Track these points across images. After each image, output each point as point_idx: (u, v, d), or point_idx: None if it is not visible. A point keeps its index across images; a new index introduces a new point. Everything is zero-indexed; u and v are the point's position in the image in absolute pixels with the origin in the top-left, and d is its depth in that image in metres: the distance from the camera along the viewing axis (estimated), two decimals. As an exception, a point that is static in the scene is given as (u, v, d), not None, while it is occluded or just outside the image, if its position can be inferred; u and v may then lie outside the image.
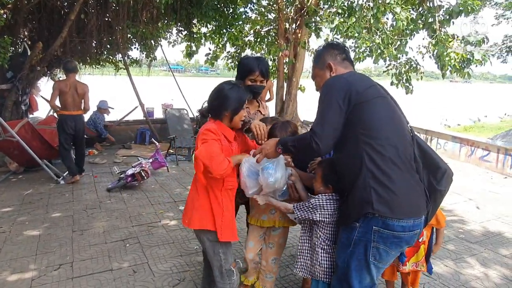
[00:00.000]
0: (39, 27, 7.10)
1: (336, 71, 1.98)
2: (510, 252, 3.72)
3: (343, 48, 2.06)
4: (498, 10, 15.19)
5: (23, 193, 5.07)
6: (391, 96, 1.93)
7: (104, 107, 8.36)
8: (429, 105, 28.74)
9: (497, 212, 4.88)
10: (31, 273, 3.08)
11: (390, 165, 1.70)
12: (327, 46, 2.11)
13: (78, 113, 5.59)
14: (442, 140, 8.15)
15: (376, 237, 1.71)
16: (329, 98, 1.78)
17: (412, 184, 1.75)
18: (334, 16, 7.26)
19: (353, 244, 1.76)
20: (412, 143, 1.84)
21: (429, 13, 7.45)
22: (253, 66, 2.54)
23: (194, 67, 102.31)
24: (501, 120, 20.30)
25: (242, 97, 2.16)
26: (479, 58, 7.20)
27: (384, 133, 1.73)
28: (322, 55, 2.06)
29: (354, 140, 1.75)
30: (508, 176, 6.64)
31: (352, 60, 2.08)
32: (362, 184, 1.71)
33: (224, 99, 2.11)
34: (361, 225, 1.73)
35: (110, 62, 9.03)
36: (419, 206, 1.76)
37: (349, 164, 1.79)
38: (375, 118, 1.74)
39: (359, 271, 1.78)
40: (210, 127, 2.09)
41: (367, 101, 1.75)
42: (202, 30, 10.34)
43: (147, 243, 3.69)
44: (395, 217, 1.68)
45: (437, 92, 56.53)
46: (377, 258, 1.75)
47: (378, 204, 1.67)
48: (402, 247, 1.79)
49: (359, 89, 1.77)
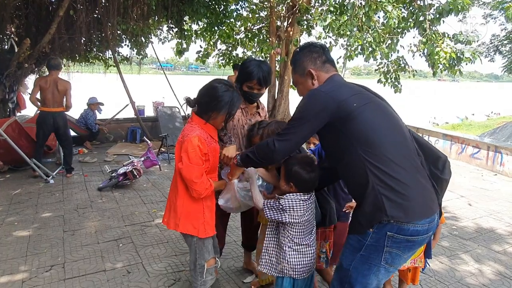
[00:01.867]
0: (27, 23, 6.96)
1: (318, 78, 1.88)
2: (503, 248, 3.76)
3: (322, 49, 1.94)
4: (486, 9, 15.41)
5: (11, 193, 4.95)
6: (379, 96, 1.86)
7: (93, 102, 8.21)
8: (418, 104, 29.07)
9: (489, 208, 4.94)
10: (22, 275, 3.00)
11: (396, 168, 1.64)
12: (304, 49, 1.97)
13: (57, 110, 5.54)
14: (433, 137, 8.24)
15: (390, 242, 1.64)
16: (306, 115, 1.76)
17: (422, 183, 1.70)
18: (327, 14, 7.25)
19: (365, 248, 1.69)
20: (412, 139, 1.82)
21: (420, 12, 7.50)
22: (252, 74, 2.46)
23: (183, 65, 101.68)
24: (488, 118, 20.67)
25: (235, 103, 2.12)
26: (469, 56, 7.29)
27: (381, 140, 1.68)
28: (300, 61, 1.94)
29: (353, 152, 1.70)
30: (498, 173, 6.74)
31: (332, 60, 1.97)
32: (371, 192, 1.64)
33: (216, 100, 2.06)
34: (375, 231, 1.66)
35: (100, 59, 8.89)
36: (432, 203, 1.71)
37: (354, 174, 1.74)
38: (368, 129, 1.68)
39: (367, 276, 1.71)
40: (200, 135, 2.05)
41: (353, 111, 1.68)
42: (193, 28, 10.26)
43: (140, 243, 3.63)
44: (410, 221, 1.62)
45: (425, 90, 57.24)
46: (389, 262, 1.69)
47: (391, 210, 1.60)
48: (415, 250, 1.74)
49: (341, 102, 1.70)
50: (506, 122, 12.77)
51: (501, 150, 6.80)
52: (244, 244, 3.11)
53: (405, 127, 1.84)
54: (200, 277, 2.24)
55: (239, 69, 2.61)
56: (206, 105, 2.09)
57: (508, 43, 15.74)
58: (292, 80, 2.07)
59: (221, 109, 2.08)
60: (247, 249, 3.11)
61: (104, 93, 17.05)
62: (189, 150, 2.02)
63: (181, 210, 2.17)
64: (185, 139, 2.06)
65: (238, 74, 2.60)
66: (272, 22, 10.34)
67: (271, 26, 10.40)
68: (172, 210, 2.23)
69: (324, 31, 7.26)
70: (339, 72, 2.02)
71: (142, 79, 25.14)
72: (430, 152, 1.86)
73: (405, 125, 1.85)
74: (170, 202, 2.27)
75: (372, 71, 9.16)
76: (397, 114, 1.87)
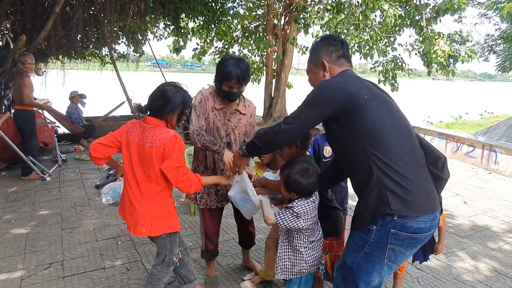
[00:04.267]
0: (22, 20, 6.89)
1: (330, 70, 1.89)
2: (498, 245, 3.81)
3: (341, 43, 1.93)
4: (480, 9, 15.53)
5: (7, 191, 4.92)
6: (386, 93, 1.87)
7: (75, 95, 8.05)
8: (412, 102, 29.23)
9: (484, 206, 5.00)
10: (20, 273, 2.99)
11: (401, 164, 1.65)
12: (323, 40, 1.98)
13: (17, 108, 5.51)
14: (429, 136, 8.29)
15: (393, 240, 1.66)
16: (314, 101, 1.76)
17: (425, 180, 1.72)
18: (324, 13, 7.27)
19: (368, 245, 1.70)
20: (416, 137, 1.83)
21: (416, 11, 7.55)
22: (231, 74, 2.40)
23: (179, 63, 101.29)
24: (481, 117, 20.82)
25: (187, 102, 2.19)
26: (466, 55, 7.36)
27: (389, 135, 1.69)
28: (317, 51, 1.95)
29: (359, 145, 1.70)
30: (492, 172, 6.81)
31: (349, 56, 1.97)
32: (376, 185, 1.65)
33: (169, 102, 2.11)
34: (378, 228, 1.67)
35: (96, 56, 8.84)
36: (435, 201, 1.74)
37: (359, 168, 1.74)
38: (377, 122, 1.68)
39: (370, 273, 1.73)
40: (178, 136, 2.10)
41: (362, 104, 1.69)
42: (190, 25, 10.23)
43: (139, 240, 3.62)
44: (414, 215, 1.63)
45: (419, 89, 57.56)
46: (392, 259, 1.70)
47: (395, 204, 1.61)
48: (417, 247, 1.75)
49: (351, 93, 1.71)
50: (499, 121, 12.88)
51: (495, 149, 6.88)
52: (241, 242, 3.12)
53: (411, 125, 1.85)
54: (167, 269, 2.32)
55: (217, 68, 2.54)
56: (160, 109, 2.12)
57: (502, 42, 15.87)
58: (306, 68, 2.06)
59: (175, 109, 2.14)
60: (245, 247, 3.12)
61: (100, 90, 16.97)
62: (179, 150, 2.08)
63: (150, 213, 2.14)
64: (168, 141, 2.05)
65: (216, 74, 2.53)
66: (269, 20, 10.35)
67: (268, 24, 10.41)
68: (139, 217, 2.15)
69: (322, 29, 7.29)
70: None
71: (138, 76, 25.02)
72: (430, 152, 1.88)
73: (410, 124, 1.86)
74: (132, 210, 2.17)
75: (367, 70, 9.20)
76: (403, 113, 1.88)
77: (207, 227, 2.78)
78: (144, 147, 2.08)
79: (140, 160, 2.12)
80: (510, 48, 15.99)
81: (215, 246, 2.87)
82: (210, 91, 2.61)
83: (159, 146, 2.05)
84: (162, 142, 2.05)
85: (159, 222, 2.16)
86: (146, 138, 2.09)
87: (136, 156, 2.12)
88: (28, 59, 5.35)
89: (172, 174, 2.07)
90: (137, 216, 2.14)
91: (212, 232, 2.81)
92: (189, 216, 4.24)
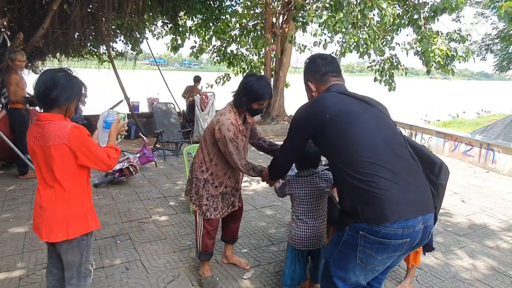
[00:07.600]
0: (20, 17, 6.85)
1: (317, 89, 2.04)
2: (495, 244, 3.83)
3: (324, 61, 2.03)
4: (478, 8, 15.57)
5: (5, 189, 4.90)
6: (370, 103, 1.89)
7: None
8: (409, 101, 29.29)
9: (482, 205, 5.02)
10: (19, 272, 2.98)
11: (373, 171, 1.68)
12: (308, 62, 2.13)
13: (10, 106, 5.46)
14: (426, 135, 8.31)
15: (363, 242, 1.70)
16: (291, 130, 2.03)
17: (407, 185, 1.69)
18: (322, 11, 7.27)
19: (342, 244, 1.80)
20: (405, 144, 1.83)
21: (414, 10, 7.56)
22: (265, 94, 2.56)
23: (176, 61, 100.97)
24: (478, 116, 20.91)
25: (82, 86, 2.02)
26: (462, 55, 7.38)
27: (356, 147, 1.74)
28: (304, 73, 2.12)
29: (332, 161, 1.92)
30: (490, 170, 6.84)
31: (335, 70, 2.03)
32: (347, 195, 1.80)
33: (66, 89, 1.92)
34: (350, 228, 1.76)
35: (94, 54, 8.81)
36: (413, 208, 1.68)
37: (336, 179, 1.98)
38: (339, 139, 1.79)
39: (344, 271, 1.80)
40: (77, 125, 1.94)
41: (324, 123, 1.82)
42: (188, 24, 10.21)
43: (138, 239, 3.62)
44: (381, 223, 1.64)
45: (417, 88, 57.69)
46: (364, 261, 1.73)
47: (363, 213, 1.68)
48: (390, 253, 1.72)
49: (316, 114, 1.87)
50: (496, 120, 12.94)
51: (493, 148, 6.90)
52: (225, 238, 3.16)
53: (396, 131, 1.87)
54: (84, 281, 2.09)
55: (247, 86, 2.56)
56: (56, 99, 1.92)
57: (500, 42, 15.92)
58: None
59: (74, 97, 1.98)
60: (228, 243, 3.17)
61: (98, 89, 16.90)
62: (87, 138, 1.94)
63: (65, 214, 1.95)
64: (70, 135, 1.88)
65: (246, 91, 2.56)
66: (267, 19, 10.33)
67: (266, 22, 10.39)
68: (53, 220, 1.95)
69: (320, 28, 7.29)
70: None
71: (136, 74, 24.91)
72: (426, 157, 1.90)
73: (398, 131, 1.89)
74: (44, 215, 1.97)
75: (364, 68, 9.22)
76: (388, 119, 1.91)
77: (206, 229, 2.80)
78: (48, 147, 1.89)
79: (46, 162, 1.92)
80: (507, 48, 16.05)
81: (213, 246, 2.90)
82: (234, 117, 2.61)
83: (61, 144, 1.87)
84: (62, 138, 1.87)
85: (76, 223, 1.97)
86: (46, 137, 1.89)
87: (43, 161, 1.93)
88: (18, 57, 5.28)
89: (100, 166, 1.99)
90: (51, 219, 1.95)
91: (212, 233, 2.82)
92: (188, 215, 4.24)
